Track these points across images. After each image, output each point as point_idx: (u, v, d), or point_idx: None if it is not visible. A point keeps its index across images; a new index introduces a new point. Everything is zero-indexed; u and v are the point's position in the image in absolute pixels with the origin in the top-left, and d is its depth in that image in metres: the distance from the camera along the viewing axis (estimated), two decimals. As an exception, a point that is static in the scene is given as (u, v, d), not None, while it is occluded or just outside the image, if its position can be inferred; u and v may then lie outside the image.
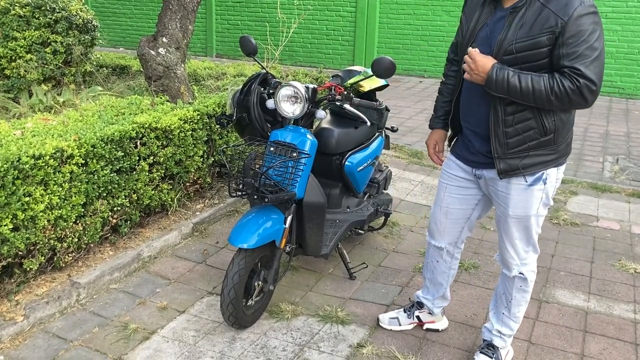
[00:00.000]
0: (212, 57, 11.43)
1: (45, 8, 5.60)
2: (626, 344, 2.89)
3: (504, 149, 2.27)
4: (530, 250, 2.48)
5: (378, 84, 3.63)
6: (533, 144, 2.25)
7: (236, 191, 2.80)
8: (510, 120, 2.22)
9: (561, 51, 2.06)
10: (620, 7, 8.79)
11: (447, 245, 2.70)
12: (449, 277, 2.81)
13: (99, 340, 2.79)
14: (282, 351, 2.75)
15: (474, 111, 2.36)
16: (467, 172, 2.52)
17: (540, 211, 2.38)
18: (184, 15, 4.91)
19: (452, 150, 2.61)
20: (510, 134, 2.24)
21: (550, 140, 2.25)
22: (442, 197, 2.63)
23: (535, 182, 2.31)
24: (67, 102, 5.20)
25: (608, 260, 3.77)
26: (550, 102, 2.10)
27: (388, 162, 5.44)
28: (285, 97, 2.91)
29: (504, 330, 2.62)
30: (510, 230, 2.42)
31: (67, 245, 3.13)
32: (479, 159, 2.42)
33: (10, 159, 2.73)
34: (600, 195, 4.92)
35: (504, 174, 2.30)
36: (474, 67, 2.16)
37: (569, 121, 2.28)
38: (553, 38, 2.07)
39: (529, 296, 2.57)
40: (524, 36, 2.11)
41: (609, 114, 8.00)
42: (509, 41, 2.14)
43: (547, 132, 2.23)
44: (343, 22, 10.51)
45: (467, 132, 2.46)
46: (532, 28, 2.10)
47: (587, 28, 2.04)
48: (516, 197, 2.34)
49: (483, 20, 2.30)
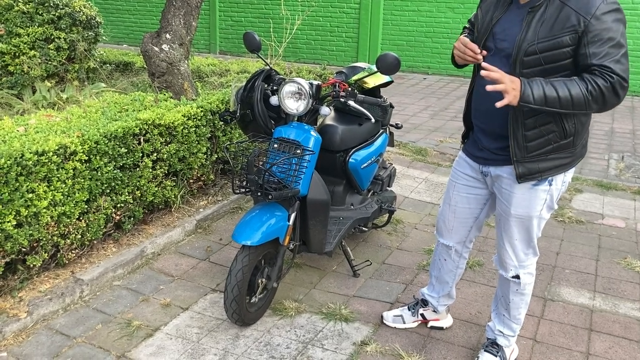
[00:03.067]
0: (216, 54, 11.41)
1: (49, 4, 5.60)
2: (632, 343, 2.87)
3: (523, 153, 2.22)
4: (530, 253, 2.46)
5: (382, 81, 3.61)
6: (552, 148, 2.21)
7: (240, 188, 2.79)
8: (530, 124, 2.18)
9: (588, 51, 2.01)
10: (626, 3, 8.73)
11: (456, 244, 2.68)
12: (456, 276, 2.79)
13: (102, 337, 2.78)
14: (286, 349, 2.74)
15: (485, 109, 2.32)
16: (475, 170, 2.50)
17: (543, 213, 2.35)
18: (187, 12, 4.89)
19: (463, 148, 2.59)
20: (530, 137, 2.20)
21: (570, 143, 2.22)
22: (451, 196, 2.61)
23: (540, 183, 2.28)
24: (70, 98, 5.19)
25: (613, 258, 3.75)
26: (589, 105, 2.02)
27: (392, 159, 5.42)
28: (289, 93, 2.90)
29: (506, 331, 2.61)
30: (511, 230, 2.40)
31: (70, 242, 3.13)
32: (485, 154, 2.40)
33: (14, 155, 2.72)
34: (605, 192, 4.89)
35: (523, 178, 2.25)
36: (509, 82, 1.99)
37: (587, 123, 2.25)
38: (576, 37, 2.02)
39: (529, 298, 2.55)
40: (546, 36, 2.06)
41: (614, 111, 7.95)
42: (530, 42, 2.09)
43: (567, 135, 2.19)
44: (347, 19, 10.48)
45: (476, 129, 2.44)
46: (554, 27, 2.05)
47: (611, 26, 2.00)
48: (520, 196, 2.31)
49: (498, 16, 2.25)
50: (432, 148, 5.84)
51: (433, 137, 6.30)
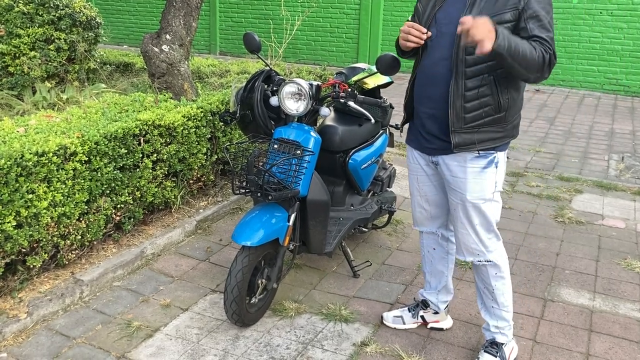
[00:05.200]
0: (216, 55, 11.42)
1: (49, 5, 5.60)
2: (632, 343, 2.87)
3: (461, 123, 2.32)
4: (493, 237, 2.51)
5: (382, 81, 3.61)
6: (488, 120, 2.33)
7: (240, 189, 2.79)
8: (470, 96, 2.29)
9: (528, 25, 2.19)
10: (626, 4, 8.74)
11: (439, 229, 2.75)
12: (449, 263, 2.81)
13: (102, 338, 2.78)
14: (286, 349, 2.74)
15: (431, 92, 2.39)
16: (426, 161, 2.57)
17: (495, 196, 2.44)
18: (187, 13, 4.90)
19: (407, 141, 2.66)
20: (468, 108, 2.30)
21: (502, 118, 2.34)
22: (418, 187, 2.68)
23: (489, 165, 2.39)
24: (70, 99, 5.20)
25: (613, 258, 3.75)
26: (533, 67, 2.15)
27: (392, 160, 5.42)
28: (289, 94, 2.90)
29: (500, 324, 2.62)
30: (470, 215, 2.45)
31: (70, 243, 3.13)
32: (434, 144, 2.46)
33: (14, 156, 2.72)
34: (605, 193, 4.89)
35: (458, 148, 2.35)
36: (484, 25, 2.01)
37: (518, 100, 2.38)
38: (516, 14, 2.20)
39: (509, 282, 2.59)
40: (489, 13, 2.18)
41: (614, 112, 7.96)
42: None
43: (501, 109, 2.32)
44: (347, 20, 10.49)
45: (422, 115, 2.48)
46: (496, 5, 2.21)
47: (545, 6, 2.21)
48: (472, 181, 2.40)
49: (440, 3, 2.38)
50: (432, 149, 5.82)
51: (433, 137, 6.29)
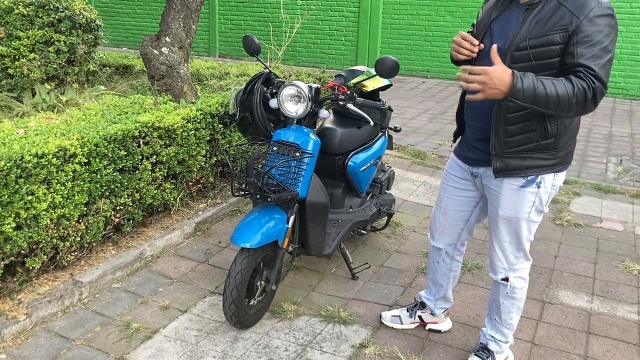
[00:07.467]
0: (215, 57, 11.43)
1: (49, 7, 5.61)
2: (630, 346, 2.88)
3: (502, 147, 2.24)
4: (521, 257, 2.44)
5: (381, 84, 3.62)
6: (532, 146, 2.22)
7: (239, 190, 2.80)
8: (513, 118, 2.19)
9: (576, 50, 2.02)
10: (624, 7, 8.76)
11: (446, 246, 2.69)
12: (450, 279, 2.79)
13: (101, 339, 2.78)
14: (285, 351, 2.75)
15: (478, 106, 2.31)
16: (465, 172, 2.51)
17: (532, 216, 2.33)
18: (187, 15, 4.91)
19: (454, 150, 2.61)
20: (510, 132, 2.21)
21: (550, 145, 2.22)
22: (442, 198, 2.63)
23: (529, 185, 2.28)
24: (70, 101, 5.20)
25: (612, 261, 3.76)
26: (571, 107, 2.01)
27: (391, 162, 5.43)
28: (288, 96, 2.91)
29: (497, 336, 2.61)
30: (500, 231, 2.39)
31: (69, 244, 3.13)
32: (475, 155, 2.41)
33: (13, 157, 2.73)
34: (603, 196, 4.90)
35: (500, 173, 2.27)
36: (488, 80, 1.96)
37: (571, 127, 2.25)
38: (566, 36, 2.04)
39: (521, 304, 2.53)
40: (538, 33, 2.09)
41: (612, 114, 7.98)
42: (522, 37, 2.11)
43: (548, 135, 2.19)
44: (346, 22, 10.50)
45: (468, 127, 2.45)
46: (547, 25, 2.07)
47: (602, 29, 2.02)
48: (507, 197, 2.31)
49: (497, 13, 2.28)
50: (431, 151, 5.85)
51: (432, 140, 6.31)
